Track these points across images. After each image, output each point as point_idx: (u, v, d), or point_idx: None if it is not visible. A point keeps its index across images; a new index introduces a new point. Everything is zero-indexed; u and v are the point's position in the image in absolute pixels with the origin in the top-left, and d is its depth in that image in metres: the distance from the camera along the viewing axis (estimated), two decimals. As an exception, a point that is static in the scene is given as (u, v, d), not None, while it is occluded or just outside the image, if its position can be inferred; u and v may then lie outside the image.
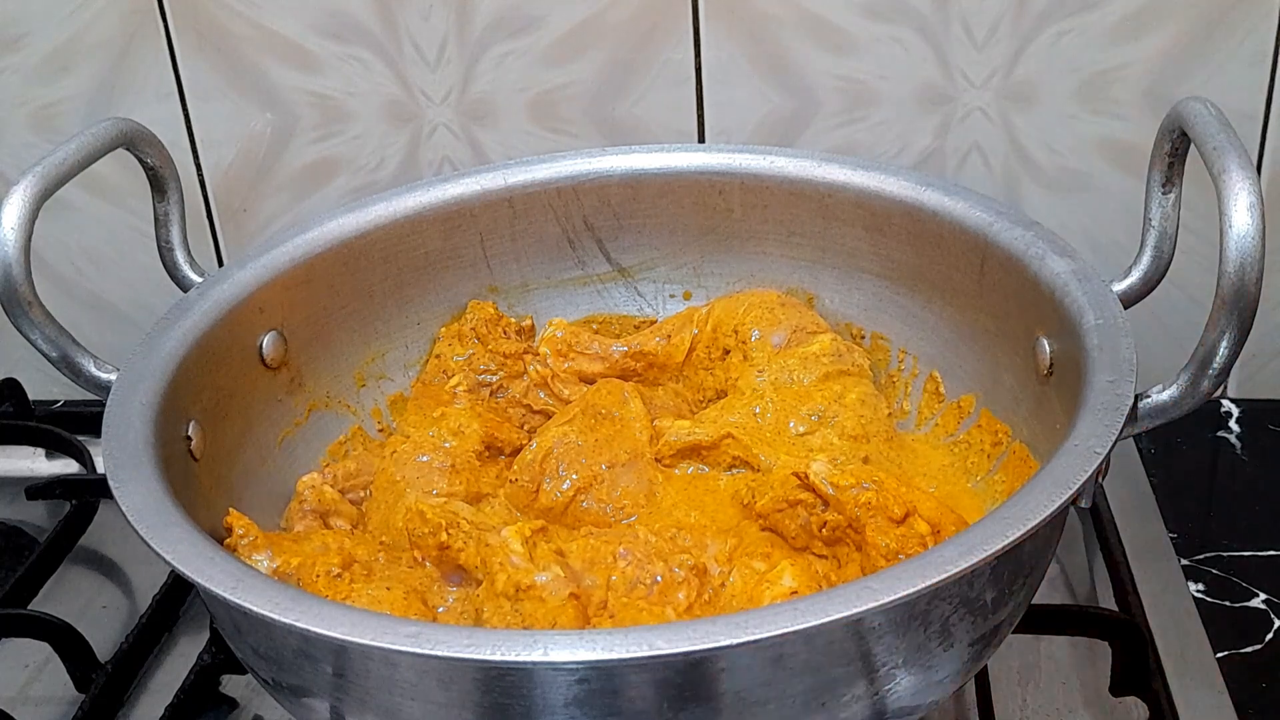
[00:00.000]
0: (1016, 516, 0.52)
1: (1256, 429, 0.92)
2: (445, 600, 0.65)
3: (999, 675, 0.71)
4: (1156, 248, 0.68)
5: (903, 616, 0.52)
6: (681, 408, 0.81)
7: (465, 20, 0.89)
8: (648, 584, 0.62)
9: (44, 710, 0.75)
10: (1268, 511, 0.84)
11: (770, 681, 0.51)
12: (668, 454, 0.76)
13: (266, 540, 0.65)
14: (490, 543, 0.63)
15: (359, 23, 0.90)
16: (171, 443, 0.65)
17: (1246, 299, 0.52)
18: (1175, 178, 0.66)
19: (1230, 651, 0.73)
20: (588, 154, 0.84)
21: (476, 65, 0.90)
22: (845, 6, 0.86)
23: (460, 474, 0.75)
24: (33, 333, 0.64)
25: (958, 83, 0.88)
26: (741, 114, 0.90)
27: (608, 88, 0.91)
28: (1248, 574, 0.78)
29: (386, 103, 0.92)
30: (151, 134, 0.73)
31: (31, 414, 0.98)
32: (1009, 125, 0.88)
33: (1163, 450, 0.90)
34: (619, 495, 0.73)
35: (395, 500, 0.73)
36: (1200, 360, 0.55)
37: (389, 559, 0.68)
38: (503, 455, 0.78)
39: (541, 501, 0.74)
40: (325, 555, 0.66)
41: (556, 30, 0.89)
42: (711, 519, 0.72)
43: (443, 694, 0.51)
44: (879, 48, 0.87)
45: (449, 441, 0.77)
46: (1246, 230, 0.52)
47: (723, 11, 0.87)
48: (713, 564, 0.65)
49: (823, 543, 0.66)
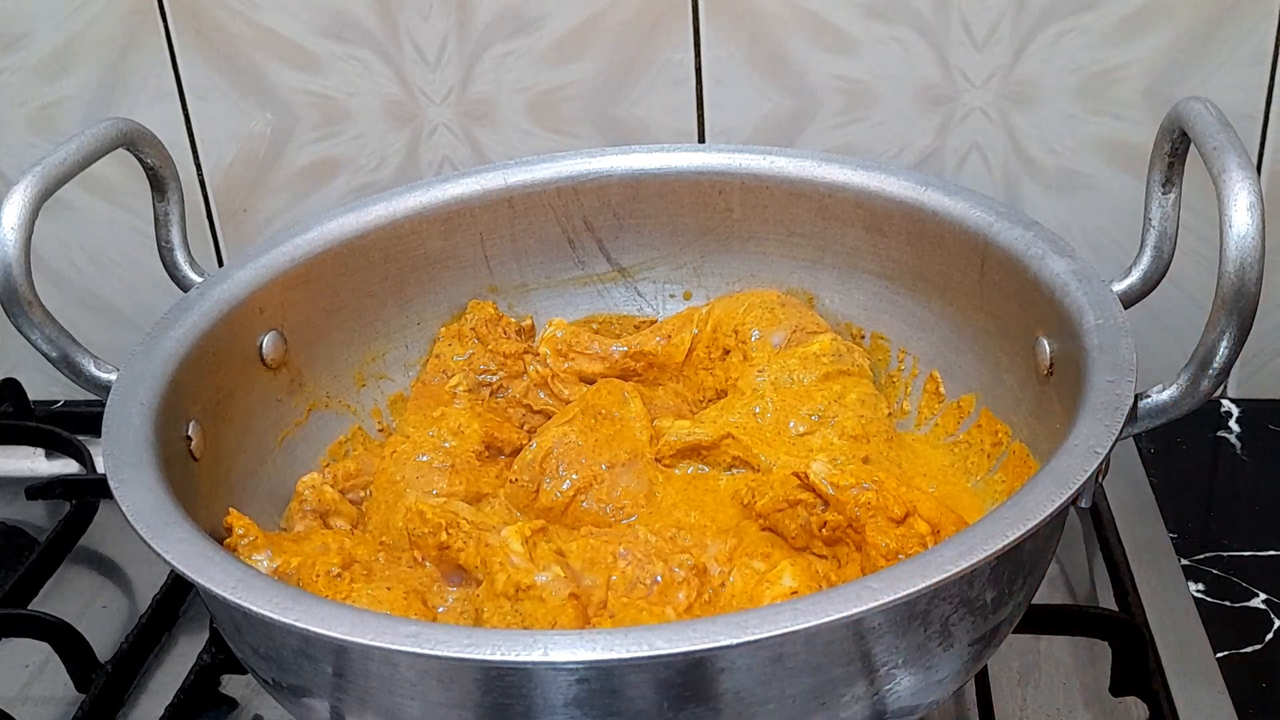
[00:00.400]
0: (1016, 516, 0.52)
1: (1256, 429, 0.92)
2: (445, 600, 0.65)
3: (999, 675, 0.71)
4: (1156, 248, 0.68)
5: (903, 616, 0.52)
6: (681, 408, 0.81)
7: (465, 20, 0.89)
8: (648, 584, 0.62)
9: (44, 710, 0.75)
10: (1268, 511, 0.84)
11: (770, 681, 0.51)
12: (668, 454, 0.76)
13: (266, 540, 0.65)
14: (490, 543, 0.63)
15: (359, 23, 0.90)
16: (171, 443, 0.65)
17: (1246, 299, 0.52)
18: (1175, 178, 0.66)
19: (1230, 651, 0.73)
20: (588, 154, 0.84)
21: (476, 65, 0.90)
22: (845, 6, 0.86)
23: (460, 474, 0.75)
24: (33, 333, 0.64)
25: (958, 83, 0.88)
26: (741, 114, 0.90)
27: (608, 88, 0.91)
28: (1248, 574, 0.78)
29: (386, 103, 0.92)
30: (151, 134, 0.73)
31: (31, 414, 0.98)
32: (1009, 125, 0.88)
33: (1163, 450, 0.90)
34: (619, 495, 0.73)
35: (395, 500, 0.73)
36: (1200, 360, 0.55)
37: (389, 559, 0.68)
38: (503, 455, 0.78)
39: (541, 501, 0.74)
40: (325, 555, 0.66)
41: (557, 30, 0.89)
42: (711, 519, 0.72)
43: (443, 694, 0.51)
44: (879, 48, 0.87)
45: (449, 441, 0.77)
46: (1246, 230, 0.52)
47: (723, 11, 0.87)
48: (713, 564, 0.65)
49: (823, 543, 0.66)
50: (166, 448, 0.63)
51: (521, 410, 0.83)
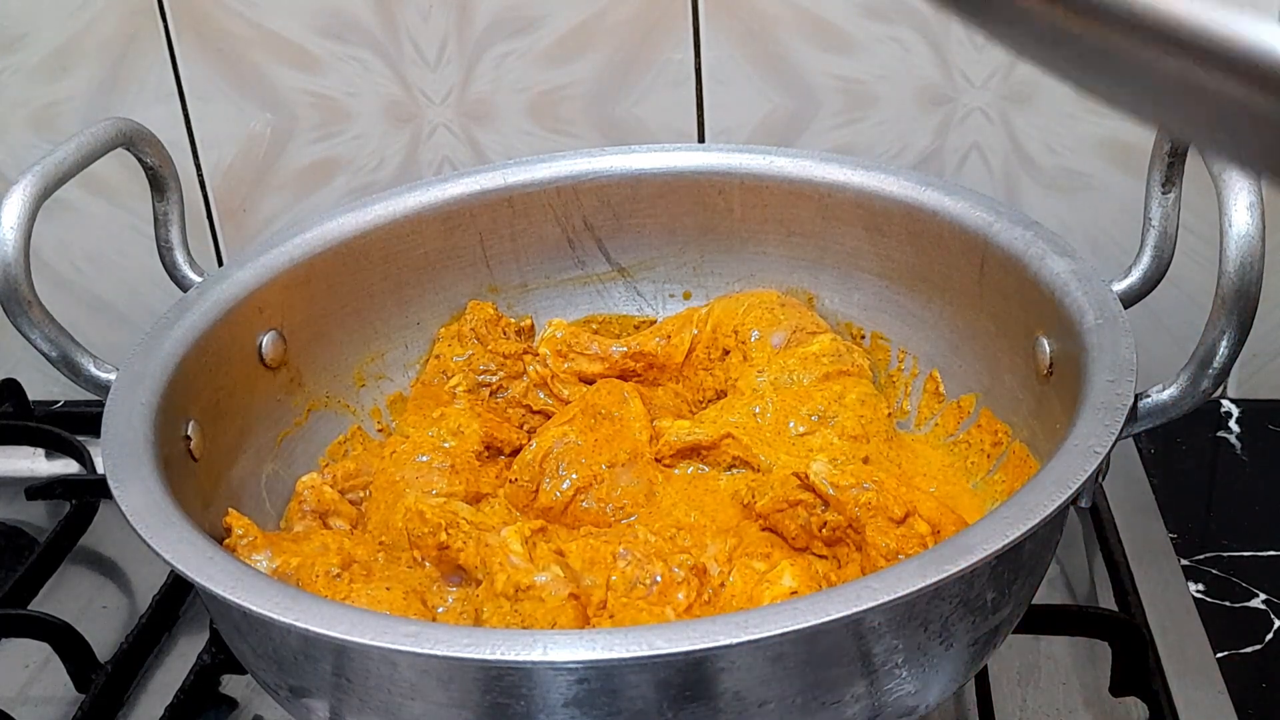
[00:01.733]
0: (1016, 516, 0.52)
1: (1257, 429, 0.92)
2: (445, 600, 0.65)
3: (999, 675, 0.71)
4: (1157, 247, 0.68)
5: (903, 616, 0.52)
6: (681, 408, 0.81)
7: (465, 20, 0.89)
8: (647, 584, 0.62)
9: (44, 710, 0.75)
10: (1268, 511, 0.84)
11: (770, 681, 0.51)
12: (667, 454, 0.76)
13: (266, 540, 0.65)
14: (490, 543, 0.63)
15: (359, 23, 0.90)
16: (171, 443, 0.65)
17: (1247, 299, 0.52)
18: (1175, 178, 0.66)
19: (1230, 652, 0.73)
20: (588, 154, 0.84)
21: (476, 65, 0.90)
22: (845, 6, 0.86)
23: (460, 474, 0.75)
24: (32, 332, 0.64)
25: (958, 83, 0.88)
26: (741, 114, 0.90)
27: (608, 88, 0.91)
28: (1248, 574, 0.78)
29: (386, 103, 0.92)
30: (151, 134, 0.73)
31: (31, 414, 0.98)
32: (1009, 125, 0.88)
33: (1163, 450, 0.90)
34: (618, 495, 0.73)
35: (395, 500, 0.73)
36: (1200, 360, 0.55)
37: (388, 559, 0.68)
38: (502, 455, 0.78)
39: (541, 501, 0.74)
40: (325, 555, 0.66)
41: (557, 30, 0.89)
42: (711, 519, 0.72)
43: (442, 694, 0.51)
44: (879, 48, 0.87)
45: (448, 442, 0.77)
46: (1247, 230, 0.52)
47: (722, 11, 0.87)
48: (713, 564, 0.65)
49: (823, 543, 0.66)
50: (166, 448, 0.63)
51: (521, 410, 0.83)
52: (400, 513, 0.71)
